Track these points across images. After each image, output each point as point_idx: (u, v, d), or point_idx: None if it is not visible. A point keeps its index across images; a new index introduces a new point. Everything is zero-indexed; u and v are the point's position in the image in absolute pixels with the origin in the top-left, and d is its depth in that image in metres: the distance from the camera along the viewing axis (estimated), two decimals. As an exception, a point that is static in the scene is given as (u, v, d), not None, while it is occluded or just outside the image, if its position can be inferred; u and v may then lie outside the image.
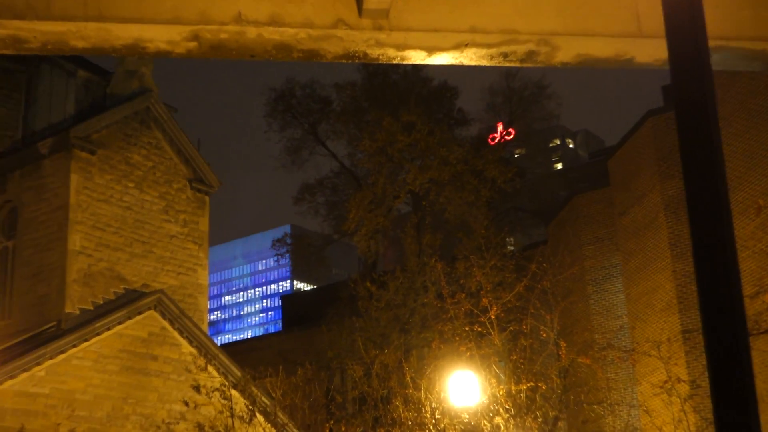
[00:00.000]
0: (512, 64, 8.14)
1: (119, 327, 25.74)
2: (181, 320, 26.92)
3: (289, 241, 46.50)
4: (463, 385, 18.18)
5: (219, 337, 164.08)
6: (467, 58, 8.01)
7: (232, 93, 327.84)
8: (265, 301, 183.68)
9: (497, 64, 8.22)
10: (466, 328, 21.64)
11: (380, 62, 8.01)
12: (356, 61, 7.96)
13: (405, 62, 8.04)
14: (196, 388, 20.32)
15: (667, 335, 25.01)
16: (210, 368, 25.29)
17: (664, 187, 26.40)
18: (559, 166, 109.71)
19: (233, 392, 20.00)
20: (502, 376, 20.28)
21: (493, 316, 21.46)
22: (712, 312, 3.84)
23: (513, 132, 47.54)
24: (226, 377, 24.68)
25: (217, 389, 19.88)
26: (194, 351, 24.70)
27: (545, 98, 45.85)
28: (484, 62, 8.15)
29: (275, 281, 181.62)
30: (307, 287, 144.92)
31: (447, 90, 41.62)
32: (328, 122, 41.19)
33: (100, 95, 28.77)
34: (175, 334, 26.77)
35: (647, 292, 27.04)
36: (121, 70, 28.65)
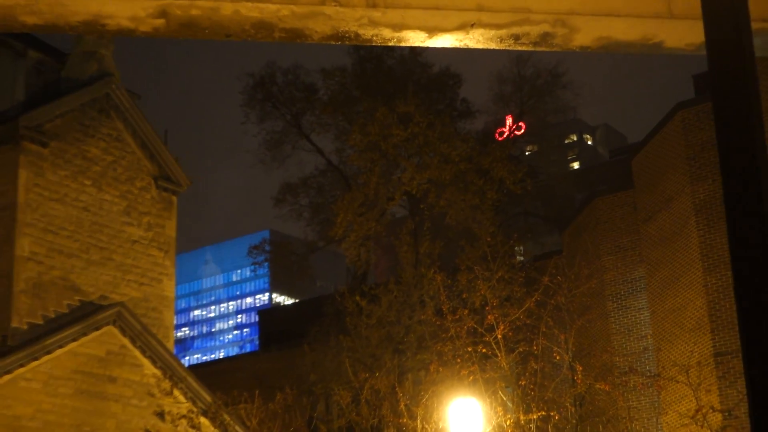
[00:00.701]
0: (524, 48, 8.10)
1: (73, 344, 25.65)
2: (144, 337, 26.86)
3: (267, 248, 46.41)
4: (465, 414, 18.14)
5: (187, 357, 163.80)
6: (473, 40, 7.95)
7: (204, 79, 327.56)
8: (240, 316, 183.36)
9: (507, 48, 8.18)
10: (469, 349, 21.65)
11: (374, 44, 7.96)
12: (346, 42, 7.92)
13: (402, 44, 7.99)
14: (160, 415, 20.28)
15: (697, 358, 25.03)
16: (176, 392, 25.20)
17: (695, 190, 26.46)
18: (576, 165, 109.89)
19: (202, 420, 19.93)
20: (509, 404, 20.28)
21: (499, 336, 21.47)
22: (753, 329, 3.81)
23: (524, 126, 47.51)
24: (194, 403, 24.64)
25: (184, 416, 19.81)
26: (158, 372, 24.66)
27: (561, 88, 45.85)
28: (493, 45, 8.10)
29: (252, 294, 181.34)
30: (288, 301, 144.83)
31: (449, 77, 41.59)
32: (314, 113, 41.11)
33: (53, 79, 28.66)
34: (137, 353, 26.68)
35: (675, 310, 27.08)
36: (77, 51, 28.61)
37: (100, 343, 26.25)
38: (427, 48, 45.11)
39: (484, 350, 21.69)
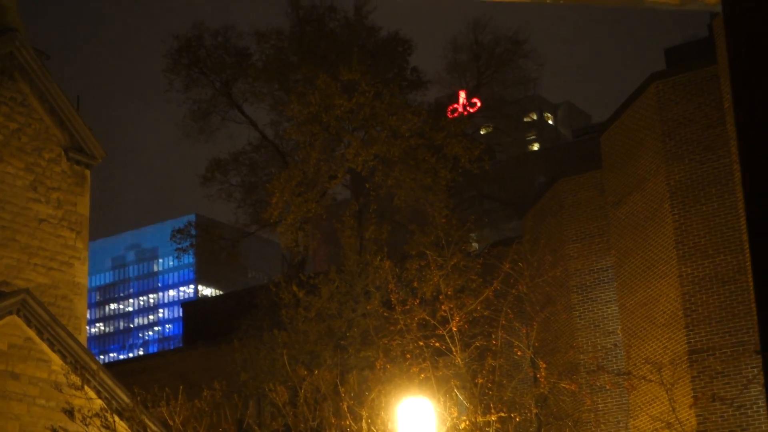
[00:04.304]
0: None
1: (-31, 337, 25.07)
2: (52, 328, 26.41)
3: (193, 232, 45.91)
4: (416, 415, 17.94)
5: (102, 357, 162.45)
6: None
7: (122, 39, 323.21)
8: (161, 311, 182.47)
9: None
10: (420, 344, 21.51)
11: None
12: None
13: None
14: (70, 413, 19.87)
15: (671, 356, 25.15)
16: (89, 390, 24.77)
17: (670, 171, 26.54)
18: (536, 147, 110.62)
19: (117, 420, 19.55)
20: (465, 404, 20.14)
21: (454, 329, 21.35)
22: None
23: (478, 102, 47.50)
24: (108, 402, 24.20)
25: (96, 415, 19.48)
26: (68, 368, 24.17)
27: (522, 57, 45.96)
28: None
29: (175, 286, 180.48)
30: (216, 293, 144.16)
31: (399, 43, 41.48)
32: (246, 80, 40.80)
33: (-53, 35, 27.99)
34: (44, 346, 26.25)
35: (646, 303, 27.16)
36: (-24, 2, 28.02)
37: (0, 335, 25.67)
38: (375, 9, 44.81)
39: (437, 344, 21.57)
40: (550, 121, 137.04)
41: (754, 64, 4.18)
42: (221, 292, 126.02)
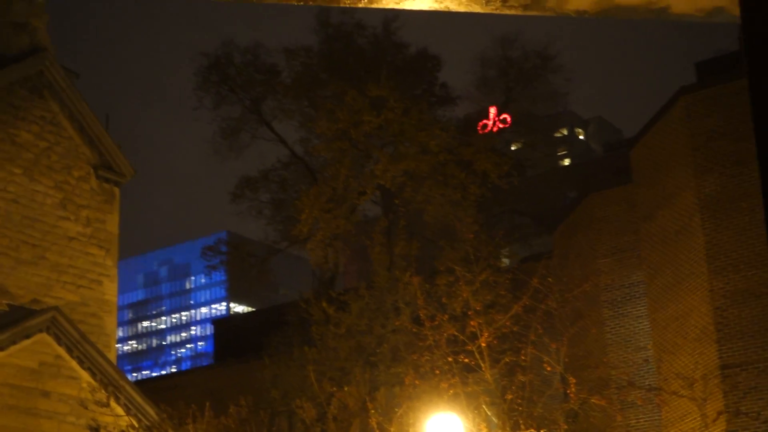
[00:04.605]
0: (513, 12, 7.82)
1: (0, 354, 25.21)
2: (82, 346, 26.51)
3: (223, 249, 46.04)
4: (444, 431, 17.85)
5: (135, 374, 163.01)
6: (455, 1, 7.70)
7: (151, 57, 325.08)
8: (194, 328, 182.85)
9: (494, 11, 7.91)
10: (449, 359, 21.42)
11: (340, 5, 7.69)
12: (309, 3, 7.64)
13: (373, 6, 7.73)
14: (95, 430, 19.97)
15: (702, 371, 24.91)
16: (117, 407, 24.87)
17: (700, 185, 26.37)
18: (567, 161, 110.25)
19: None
20: (494, 420, 20.01)
21: (483, 344, 21.25)
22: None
23: (509, 118, 47.44)
24: (138, 419, 24.24)
25: None
26: (97, 385, 24.31)
27: (551, 72, 45.81)
28: (477, 8, 7.85)
29: (207, 303, 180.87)
30: (249, 311, 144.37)
31: (427, 59, 41.50)
32: (276, 98, 40.92)
33: (-23, 54, 28.27)
34: (74, 363, 26.34)
35: (678, 317, 26.96)
36: (6, 21, 28.22)
37: (31, 352, 25.81)
38: (403, 25, 44.87)
39: (466, 360, 21.46)
40: (581, 137, 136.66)
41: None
42: (253, 309, 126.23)
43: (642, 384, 26.96)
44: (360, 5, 7.66)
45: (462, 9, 7.92)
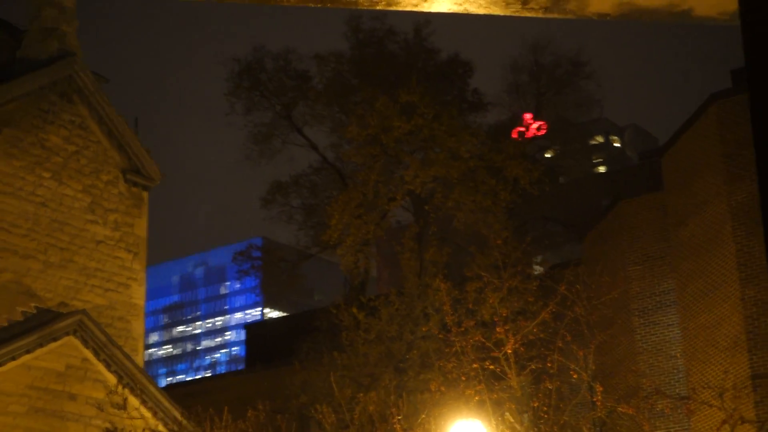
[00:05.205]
0: (533, 14, 7.78)
1: (27, 357, 25.33)
2: (109, 349, 26.55)
3: (255, 254, 46.08)
4: (468, 438, 17.67)
5: (170, 378, 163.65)
6: (474, 3, 7.66)
7: (181, 62, 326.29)
8: (228, 333, 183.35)
9: (514, 14, 7.88)
10: (475, 366, 21.24)
11: (360, 8, 7.63)
12: (328, 5, 7.60)
13: (393, 9, 7.69)
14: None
15: (733, 380, 24.60)
16: (145, 411, 24.84)
17: (732, 192, 26.15)
18: (603, 169, 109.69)
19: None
20: (517, 427, 19.81)
21: (509, 351, 21.07)
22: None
23: (545, 126, 47.26)
24: (165, 424, 24.24)
25: None
26: (118, 387, 24.34)
27: (583, 78, 45.56)
28: (497, 10, 7.82)
29: (241, 308, 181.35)
30: (281, 316, 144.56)
31: (458, 65, 41.37)
32: (307, 103, 40.98)
33: (7, 59, 28.44)
34: (101, 367, 26.40)
35: (709, 326, 26.69)
36: (35, 26, 28.35)
37: (58, 355, 25.89)
38: (434, 31, 44.82)
39: (492, 367, 21.28)
40: (617, 144, 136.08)
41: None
42: (285, 315, 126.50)
43: (673, 393, 26.71)
44: (378, 8, 7.62)
45: (482, 11, 7.83)
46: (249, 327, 56.87)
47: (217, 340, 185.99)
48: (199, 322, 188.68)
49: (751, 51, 4.12)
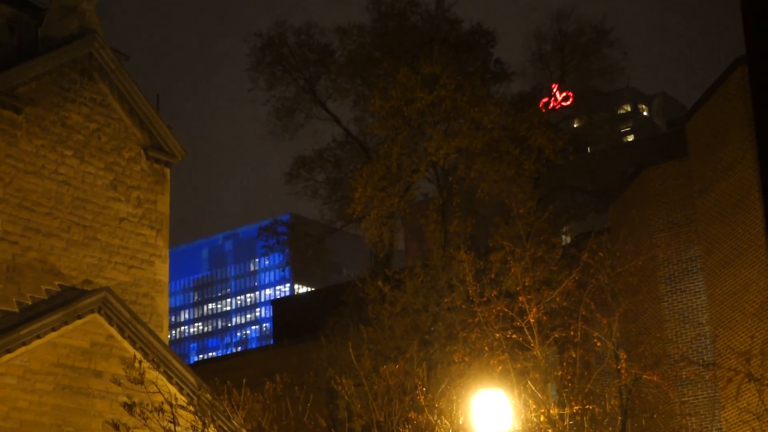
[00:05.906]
0: None
1: (53, 334, 25.45)
2: (134, 326, 26.63)
3: (281, 229, 46.07)
4: (491, 408, 17.58)
5: (200, 355, 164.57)
6: None
7: (203, 37, 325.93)
8: (258, 309, 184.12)
9: None
10: (497, 335, 21.19)
11: None
12: None
13: None
14: (129, 407, 20.10)
15: (760, 346, 24.43)
16: (171, 387, 24.88)
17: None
18: (631, 138, 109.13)
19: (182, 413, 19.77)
20: (539, 396, 19.73)
21: (532, 320, 20.98)
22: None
23: (571, 96, 46.87)
24: (191, 400, 24.28)
25: (156, 409, 19.73)
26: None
27: (607, 45, 45.06)
28: None
29: (271, 285, 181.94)
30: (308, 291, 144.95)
31: (481, 35, 40.99)
32: (329, 77, 40.81)
33: (29, 38, 28.34)
34: (126, 344, 26.52)
35: (735, 292, 26.53)
36: (56, 5, 28.40)
37: (83, 332, 26.02)
38: (456, 1, 44.44)
39: (515, 336, 21.21)
40: (645, 113, 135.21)
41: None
42: (312, 290, 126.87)
43: (700, 360, 26.56)
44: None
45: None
46: (276, 303, 57.11)
47: (247, 316, 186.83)
48: (230, 299, 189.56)
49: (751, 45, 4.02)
